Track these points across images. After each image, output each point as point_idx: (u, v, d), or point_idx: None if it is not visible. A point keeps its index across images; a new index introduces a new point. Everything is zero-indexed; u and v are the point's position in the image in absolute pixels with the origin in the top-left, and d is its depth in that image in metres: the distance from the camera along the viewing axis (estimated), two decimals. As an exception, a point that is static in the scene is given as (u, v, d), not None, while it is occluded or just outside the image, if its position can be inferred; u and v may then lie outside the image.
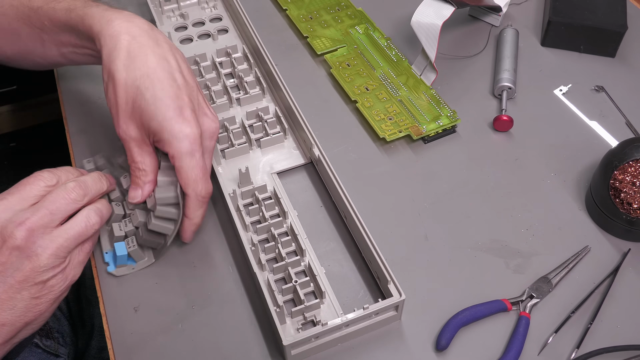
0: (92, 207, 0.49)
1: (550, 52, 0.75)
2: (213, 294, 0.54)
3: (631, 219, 0.55)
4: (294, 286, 0.51)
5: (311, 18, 0.78)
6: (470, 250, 0.56)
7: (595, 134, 0.66)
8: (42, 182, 0.48)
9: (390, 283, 0.50)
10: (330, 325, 0.48)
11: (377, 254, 0.51)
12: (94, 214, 0.49)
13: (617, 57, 0.74)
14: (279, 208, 0.58)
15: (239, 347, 0.51)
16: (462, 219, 0.59)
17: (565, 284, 0.54)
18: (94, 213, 0.49)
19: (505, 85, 0.68)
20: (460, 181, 0.62)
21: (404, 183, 0.62)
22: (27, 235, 0.44)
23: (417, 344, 0.51)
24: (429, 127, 0.65)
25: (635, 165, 0.55)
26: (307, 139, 0.61)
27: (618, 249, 0.56)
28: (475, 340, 0.51)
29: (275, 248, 0.54)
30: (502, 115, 0.65)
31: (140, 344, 0.51)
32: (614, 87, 0.70)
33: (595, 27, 0.71)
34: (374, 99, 0.68)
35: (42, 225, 0.45)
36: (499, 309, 0.52)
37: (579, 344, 0.50)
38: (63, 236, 0.46)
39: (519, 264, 0.55)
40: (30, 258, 0.44)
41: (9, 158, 1.46)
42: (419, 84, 0.69)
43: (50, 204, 0.46)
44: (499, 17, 0.77)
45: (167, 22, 0.77)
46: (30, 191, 0.47)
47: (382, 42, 0.74)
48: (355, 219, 0.54)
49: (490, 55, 0.74)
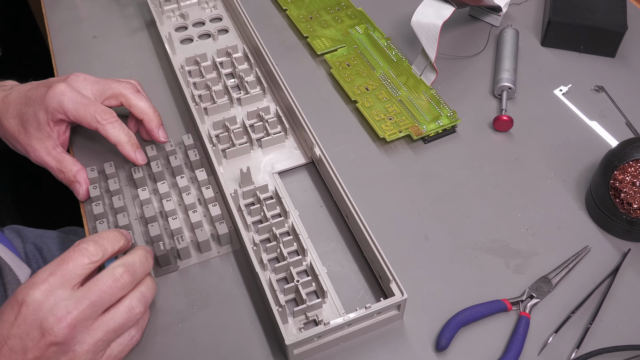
0: (137, 293, 0.46)
1: (550, 52, 0.75)
2: (213, 294, 0.54)
3: (631, 219, 0.55)
4: (296, 286, 0.51)
5: (311, 18, 0.78)
6: (470, 250, 0.57)
7: (595, 134, 0.66)
8: (87, 258, 0.45)
9: (392, 282, 0.50)
10: (332, 324, 0.48)
11: (379, 253, 0.51)
12: (137, 302, 0.46)
13: (617, 57, 0.74)
14: (280, 208, 0.58)
15: (239, 347, 0.51)
16: (462, 219, 0.59)
17: (565, 284, 0.54)
18: (138, 302, 0.46)
19: (505, 85, 0.68)
20: (460, 181, 0.62)
21: (404, 183, 0.62)
22: (67, 332, 0.42)
23: (417, 344, 0.51)
24: (429, 127, 0.65)
25: (635, 165, 0.55)
26: (308, 138, 0.61)
27: (618, 249, 0.57)
28: (475, 340, 0.51)
29: (277, 248, 0.54)
30: (502, 115, 0.65)
31: (140, 344, 0.51)
32: (614, 87, 0.70)
33: (595, 27, 0.72)
34: (374, 99, 0.68)
35: (84, 319, 0.43)
36: (499, 309, 0.52)
37: (579, 344, 0.50)
38: (103, 329, 0.44)
39: (519, 264, 0.56)
40: (67, 354, 0.43)
41: (9, 158, 1.46)
42: (419, 84, 0.69)
43: (93, 295, 0.44)
44: (499, 17, 0.77)
45: (167, 22, 0.77)
46: (73, 271, 0.44)
47: (382, 42, 0.74)
48: (357, 218, 0.54)
49: (490, 55, 0.74)
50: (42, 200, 1.37)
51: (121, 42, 0.77)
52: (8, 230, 0.77)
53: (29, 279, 0.44)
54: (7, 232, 0.76)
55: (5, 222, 0.77)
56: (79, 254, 0.45)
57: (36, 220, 0.95)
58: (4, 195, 1.36)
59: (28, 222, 0.82)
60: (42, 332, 0.42)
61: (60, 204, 1.21)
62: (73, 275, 0.44)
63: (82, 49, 0.76)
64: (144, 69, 0.73)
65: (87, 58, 0.75)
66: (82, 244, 0.46)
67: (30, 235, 0.77)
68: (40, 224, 0.84)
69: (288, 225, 0.56)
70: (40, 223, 0.86)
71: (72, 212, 0.74)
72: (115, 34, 0.78)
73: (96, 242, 0.46)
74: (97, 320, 0.44)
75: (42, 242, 0.77)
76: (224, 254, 0.56)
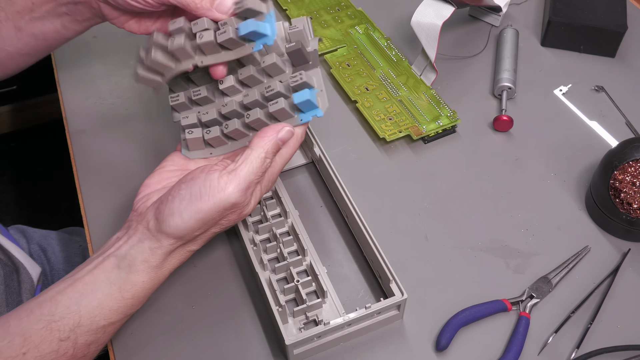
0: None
1: (550, 52, 0.75)
2: (213, 294, 0.54)
3: (631, 219, 0.55)
4: (296, 286, 0.52)
5: (311, 18, 0.78)
6: (470, 250, 0.57)
7: (595, 134, 0.66)
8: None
9: (392, 282, 0.50)
10: (332, 324, 0.48)
11: (379, 253, 0.51)
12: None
13: (617, 57, 0.74)
14: (281, 208, 0.58)
15: (239, 347, 0.51)
16: (462, 219, 0.59)
17: (565, 284, 0.54)
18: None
19: (505, 85, 0.68)
20: (460, 181, 0.62)
21: (404, 183, 0.62)
22: (253, 206, 0.48)
23: (417, 344, 0.51)
24: (429, 127, 0.65)
25: (635, 165, 0.55)
26: (308, 138, 0.61)
27: (618, 249, 0.57)
28: (475, 340, 0.51)
29: (277, 248, 0.54)
30: (502, 115, 0.65)
31: (140, 344, 0.51)
32: (614, 87, 0.70)
33: (595, 27, 0.72)
34: (374, 99, 0.68)
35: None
36: (499, 309, 0.52)
37: (579, 344, 0.50)
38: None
39: (519, 264, 0.56)
40: (242, 213, 0.48)
41: (9, 158, 1.46)
42: (419, 84, 0.69)
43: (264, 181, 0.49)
44: (499, 17, 0.77)
45: (167, 22, 0.77)
46: None
47: (382, 42, 0.74)
48: (357, 218, 0.54)
49: (490, 55, 0.74)
50: (42, 200, 1.37)
51: (121, 42, 0.77)
52: (13, 230, 0.77)
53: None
54: (13, 232, 0.76)
55: (7, 221, 0.77)
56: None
57: (36, 220, 0.95)
58: (5, 195, 1.36)
59: (29, 222, 0.83)
60: (240, 210, 0.47)
61: (60, 204, 1.21)
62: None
63: (82, 49, 0.76)
64: (144, 69, 0.73)
65: (87, 58, 0.75)
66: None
67: (34, 235, 0.77)
68: (40, 224, 0.85)
69: (288, 225, 0.56)
70: (40, 223, 0.86)
71: (72, 213, 0.74)
72: (115, 34, 0.78)
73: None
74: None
75: (46, 242, 0.77)
76: (224, 254, 0.56)
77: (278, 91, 0.49)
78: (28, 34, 0.59)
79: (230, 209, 0.46)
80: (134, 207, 0.49)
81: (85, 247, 0.76)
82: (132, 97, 0.70)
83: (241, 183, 0.45)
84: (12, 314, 0.45)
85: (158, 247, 0.46)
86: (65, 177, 0.81)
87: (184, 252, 0.48)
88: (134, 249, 0.46)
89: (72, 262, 0.77)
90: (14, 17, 0.58)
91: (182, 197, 0.45)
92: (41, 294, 0.46)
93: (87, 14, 0.55)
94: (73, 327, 0.44)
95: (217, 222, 0.47)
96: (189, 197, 0.45)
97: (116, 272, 0.46)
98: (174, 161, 0.52)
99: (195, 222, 0.45)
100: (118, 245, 0.47)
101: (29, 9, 0.57)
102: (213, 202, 0.45)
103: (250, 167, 0.46)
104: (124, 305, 0.46)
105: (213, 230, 0.48)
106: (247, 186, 0.46)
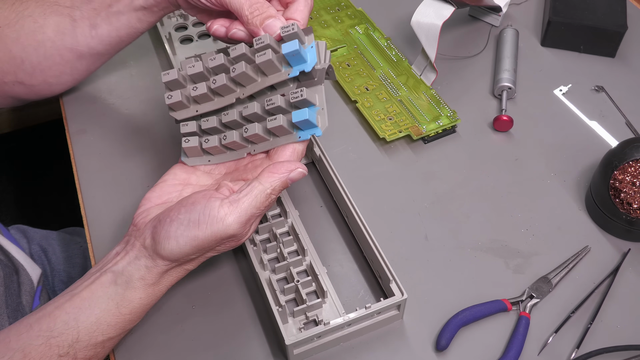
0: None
1: (550, 52, 0.75)
2: (213, 294, 0.54)
3: (631, 219, 0.55)
4: (296, 285, 0.52)
5: (311, 18, 0.78)
6: (470, 250, 0.57)
7: (595, 134, 0.66)
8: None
9: (392, 282, 0.50)
10: (332, 324, 0.48)
11: (379, 253, 0.51)
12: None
13: (617, 57, 0.74)
14: (280, 208, 0.58)
15: (239, 347, 0.51)
16: (462, 219, 0.59)
17: (565, 284, 0.54)
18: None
19: (505, 85, 0.68)
20: (460, 181, 0.62)
21: (404, 183, 0.62)
22: (250, 235, 0.48)
23: (417, 344, 0.51)
24: (429, 127, 0.65)
25: (635, 165, 0.55)
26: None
27: (618, 249, 0.57)
28: (475, 340, 0.51)
29: (277, 247, 0.54)
30: (502, 115, 0.65)
31: (140, 344, 0.51)
32: (614, 87, 0.70)
33: (595, 27, 0.72)
34: (374, 99, 0.68)
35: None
36: (499, 309, 0.52)
37: (579, 344, 0.50)
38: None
39: (519, 264, 0.56)
40: (239, 241, 0.48)
41: (9, 158, 1.46)
42: (419, 84, 0.69)
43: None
44: (499, 17, 0.77)
45: (167, 22, 0.77)
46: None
47: (382, 42, 0.74)
48: (357, 218, 0.54)
49: (490, 55, 0.74)
50: (42, 201, 1.37)
51: (121, 42, 0.77)
52: (14, 230, 0.77)
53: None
54: (13, 232, 0.76)
55: (7, 221, 0.77)
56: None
57: (37, 220, 0.96)
58: (5, 195, 1.36)
59: (28, 222, 0.83)
60: (239, 238, 0.47)
61: (60, 204, 1.21)
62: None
63: (82, 49, 0.76)
64: (144, 69, 0.73)
65: (87, 58, 0.75)
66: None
67: (35, 236, 0.77)
68: (40, 224, 0.85)
69: (288, 225, 0.56)
70: (40, 223, 0.86)
71: (72, 213, 0.74)
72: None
73: None
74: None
75: (47, 243, 0.77)
76: (224, 254, 0.56)
77: (279, 105, 0.49)
78: (103, 31, 0.59)
79: (227, 239, 0.46)
80: (133, 220, 0.49)
81: (86, 248, 0.76)
82: (132, 97, 0.70)
83: (242, 216, 0.45)
84: (12, 329, 0.45)
85: (153, 267, 0.46)
86: (65, 177, 0.81)
87: (181, 270, 0.48)
88: (130, 265, 0.46)
89: (73, 263, 0.77)
90: (89, 15, 0.58)
91: (180, 221, 0.45)
92: (40, 308, 0.46)
93: (163, 3, 0.56)
94: (72, 343, 0.44)
95: (213, 248, 0.47)
96: (187, 223, 0.45)
97: (113, 288, 0.46)
98: (176, 175, 0.52)
99: (191, 249, 0.45)
100: (116, 260, 0.47)
101: (107, 4, 0.57)
102: (210, 232, 0.44)
103: (255, 201, 0.45)
104: (122, 321, 0.46)
105: (209, 255, 0.48)
106: (248, 219, 0.45)
